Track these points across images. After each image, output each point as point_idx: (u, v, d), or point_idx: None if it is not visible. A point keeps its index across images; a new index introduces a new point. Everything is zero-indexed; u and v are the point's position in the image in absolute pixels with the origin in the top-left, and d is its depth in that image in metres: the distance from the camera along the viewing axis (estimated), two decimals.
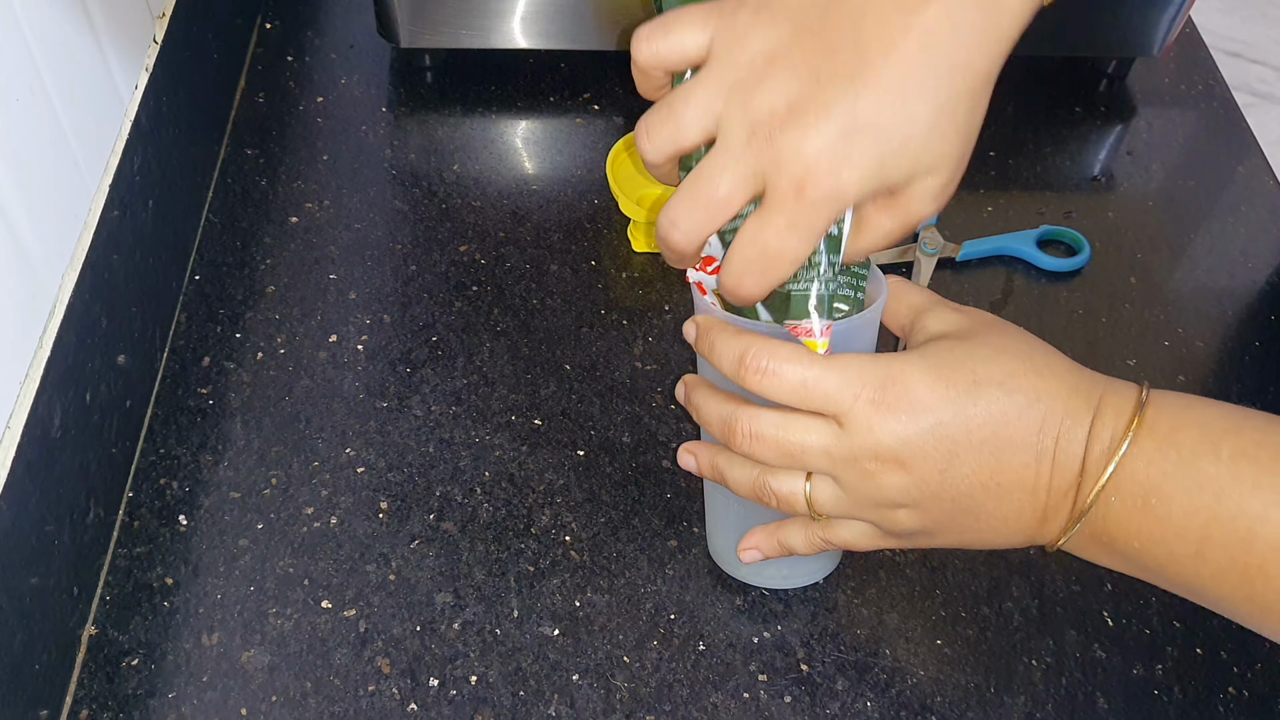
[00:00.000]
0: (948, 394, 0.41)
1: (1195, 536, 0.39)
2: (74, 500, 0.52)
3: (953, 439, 0.41)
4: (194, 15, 0.69)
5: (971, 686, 0.54)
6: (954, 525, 0.44)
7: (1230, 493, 0.38)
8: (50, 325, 0.51)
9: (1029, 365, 0.42)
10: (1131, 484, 0.40)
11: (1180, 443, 0.40)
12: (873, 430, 0.41)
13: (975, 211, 0.75)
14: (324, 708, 0.52)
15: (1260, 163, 0.80)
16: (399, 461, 0.60)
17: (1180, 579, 0.41)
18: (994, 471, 0.41)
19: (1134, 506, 0.40)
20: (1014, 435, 0.41)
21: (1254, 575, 0.38)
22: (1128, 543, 0.41)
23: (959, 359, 0.42)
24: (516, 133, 0.78)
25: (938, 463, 0.41)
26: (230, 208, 0.71)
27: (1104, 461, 0.40)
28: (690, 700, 0.53)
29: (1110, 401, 0.41)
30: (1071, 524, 0.42)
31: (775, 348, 0.42)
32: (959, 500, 0.42)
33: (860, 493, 0.43)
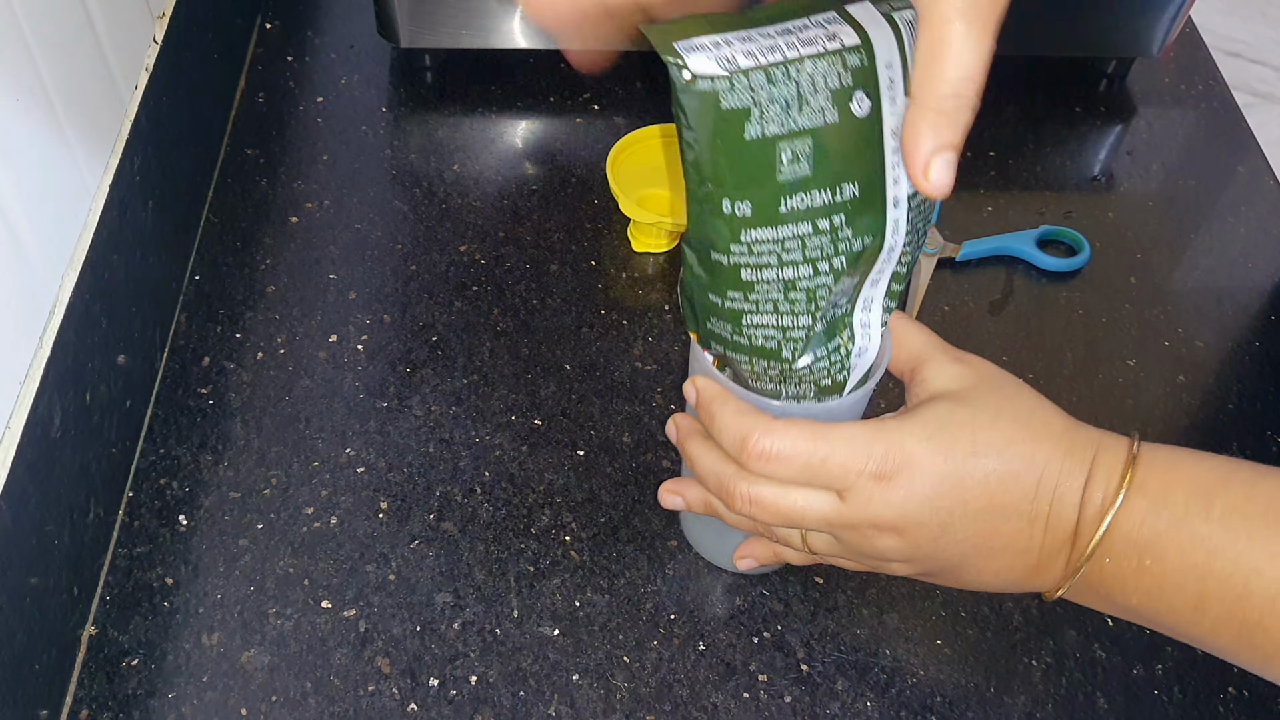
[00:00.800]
0: (945, 467, 0.42)
1: (1192, 592, 0.40)
2: (74, 500, 0.52)
3: (949, 510, 0.42)
4: (194, 15, 0.69)
5: (971, 686, 0.54)
6: (945, 576, 0.46)
7: (1224, 550, 0.39)
8: (50, 325, 0.51)
9: (1026, 431, 0.42)
10: (1125, 543, 0.41)
11: (1171, 502, 0.40)
12: (872, 502, 0.42)
13: (975, 211, 0.75)
14: (324, 708, 0.52)
15: (1260, 163, 0.80)
16: (399, 461, 0.60)
17: (1179, 630, 0.42)
18: (987, 536, 0.42)
19: (1129, 565, 0.41)
20: (1008, 502, 0.42)
21: (1253, 628, 0.39)
22: (1125, 598, 0.42)
23: (959, 425, 0.42)
24: (516, 133, 0.78)
25: (933, 530, 0.43)
26: (230, 208, 0.71)
27: (1096, 522, 0.41)
28: (690, 700, 0.53)
29: (1103, 461, 0.42)
30: (1066, 579, 0.43)
31: (779, 431, 0.42)
32: (951, 559, 0.44)
33: (855, 548, 0.45)
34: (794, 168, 0.39)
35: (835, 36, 0.38)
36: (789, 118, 0.38)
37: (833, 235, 0.40)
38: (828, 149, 0.38)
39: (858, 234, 0.40)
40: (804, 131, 0.38)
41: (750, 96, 0.37)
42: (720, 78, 0.37)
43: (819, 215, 0.40)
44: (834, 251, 0.41)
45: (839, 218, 0.40)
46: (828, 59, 0.37)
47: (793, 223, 0.40)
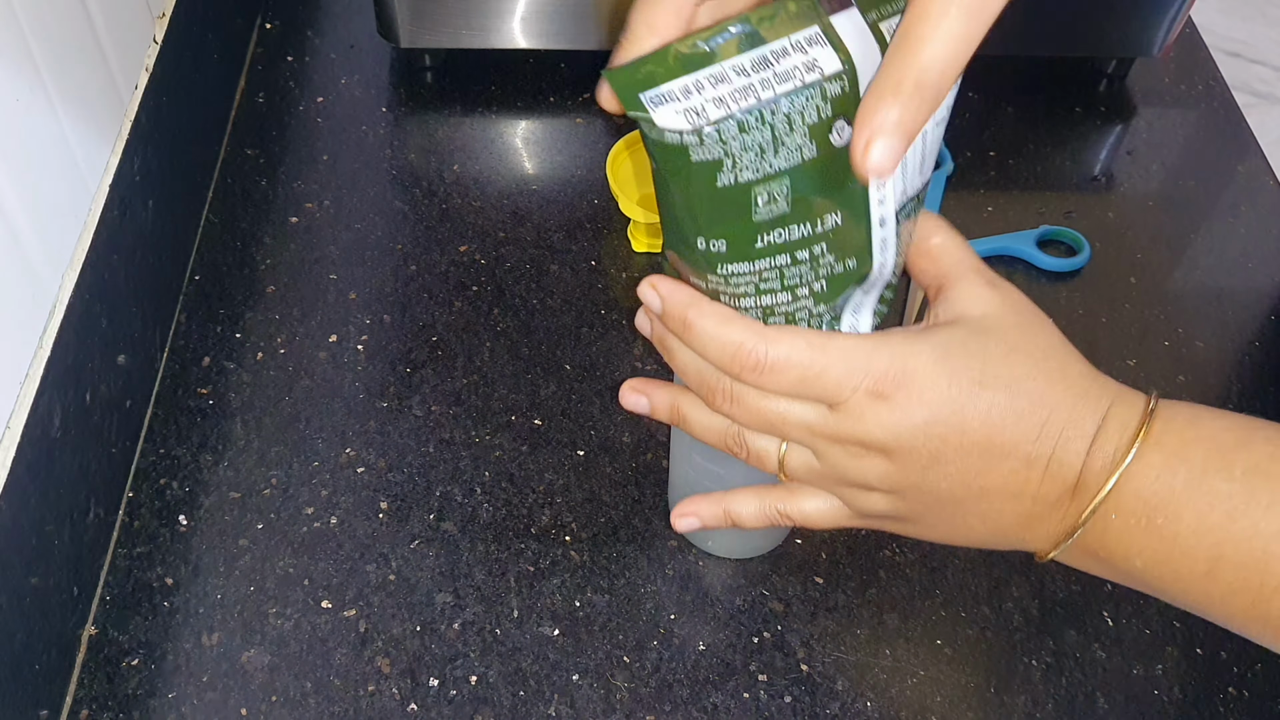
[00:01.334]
0: (949, 392, 0.39)
1: (1206, 556, 0.38)
2: (74, 500, 0.52)
3: (943, 438, 0.39)
4: (194, 15, 0.69)
5: (971, 686, 0.54)
6: (928, 517, 0.42)
7: (1245, 511, 0.37)
8: (50, 325, 0.51)
9: (1040, 369, 0.40)
10: (1135, 500, 0.38)
11: (1189, 458, 0.38)
12: (864, 419, 0.40)
13: (975, 211, 0.75)
14: (324, 708, 0.52)
15: (1260, 163, 0.80)
16: (399, 461, 0.60)
17: (1186, 598, 0.40)
18: (979, 474, 0.40)
19: (1137, 524, 0.38)
20: (1007, 441, 0.39)
21: (1270, 596, 0.37)
22: (1129, 560, 0.39)
23: (970, 354, 0.40)
24: (516, 133, 0.78)
25: (923, 458, 0.40)
26: (230, 208, 0.71)
27: (1105, 475, 0.39)
28: (690, 700, 0.53)
29: (1117, 413, 0.39)
30: (1065, 536, 0.40)
31: (773, 338, 0.39)
32: (938, 494, 0.41)
33: (837, 469, 0.42)
34: (770, 208, 0.37)
35: (815, 65, 0.35)
36: (763, 163, 0.36)
37: (813, 263, 0.39)
38: (806, 185, 0.37)
39: (841, 258, 0.39)
40: (780, 174, 0.36)
41: (721, 149, 0.36)
42: (689, 133, 0.35)
43: (798, 247, 0.38)
44: (814, 276, 0.39)
45: (819, 246, 0.39)
46: (806, 93, 0.35)
47: (770, 256, 0.39)
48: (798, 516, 0.45)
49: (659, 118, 0.35)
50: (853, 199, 0.38)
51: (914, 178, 0.39)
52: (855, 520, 0.45)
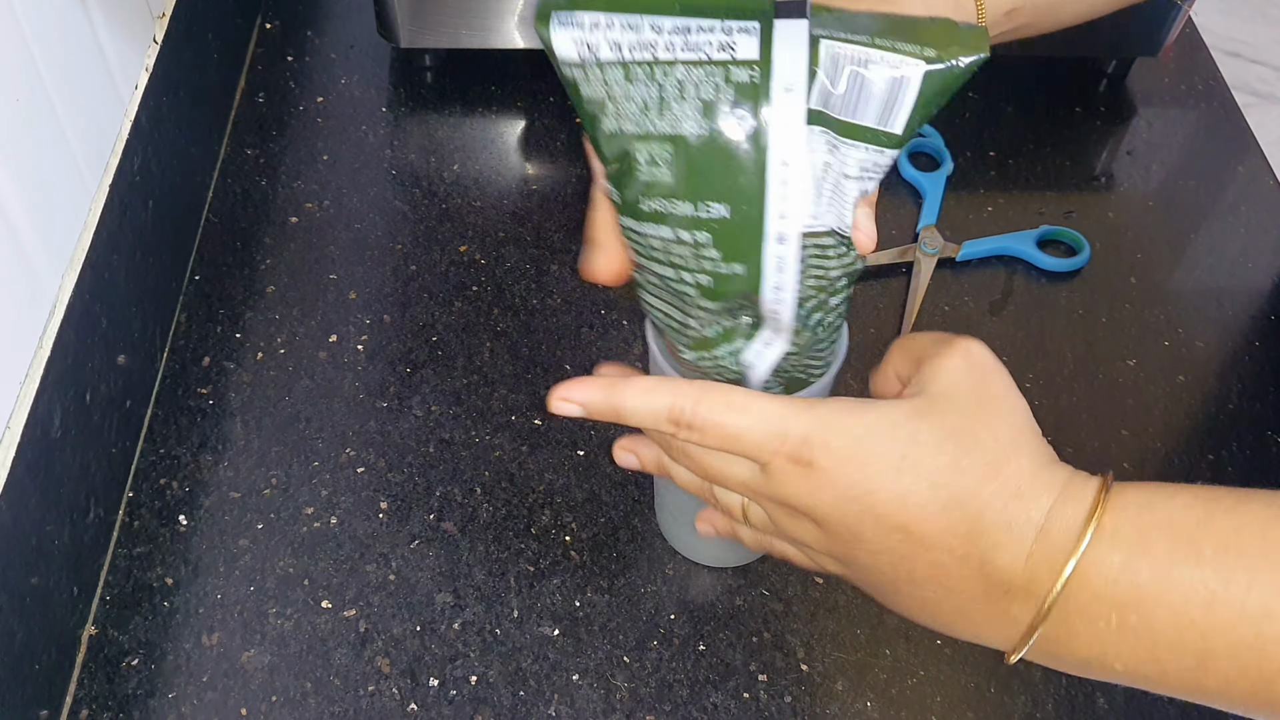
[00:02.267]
0: (867, 471, 0.37)
1: (1193, 651, 0.35)
2: (74, 500, 0.52)
3: (858, 516, 0.38)
4: (194, 15, 0.69)
5: (971, 686, 0.54)
6: (875, 588, 0.41)
7: (1224, 598, 0.34)
8: (50, 325, 0.51)
9: (972, 462, 0.37)
10: (1100, 603, 0.36)
11: (1151, 550, 0.35)
12: (785, 485, 0.39)
13: (975, 211, 0.75)
14: (324, 708, 0.52)
15: (1260, 163, 0.80)
16: (399, 461, 0.60)
17: (1182, 692, 0.37)
18: (905, 558, 0.38)
19: (1107, 627, 0.36)
20: (930, 532, 0.37)
21: (1271, 680, 0.34)
22: (1107, 664, 0.37)
23: (895, 437, 0.38)
24: (516, 133, 0.78)
25: (846, 531, 0.39)
26: (230, 208, 0.71)
27: (1053, 578, 0.36)
28: (690, 700, 0.53)
29: (1061, 512, 0.37)
30: (1023, 641, 0.37)
31: (701, 398, 0.39)
32: (872, 569, 0.40)
33: (780, 526, 0.42)
34: (652, 170, 0.37)
35: (731, 47, 0.35)
36: (646, 120, 0.36)
37: (696, 250, 0.38)
38: (692, 160, 0.36)
39: (727, 259, 0.38)
40: (663, 137, 0.36)
41: (605, 91, 0.35)
42: (575, 65, 0.35)
43: (681, 225, 0.37)
44: (698, 268, 0.38)
45: (703, 234, 0.37)
46: (708, 69, 0.35)
47: (654, 223, 0.38)
48: (778, 554, 0.45)
49: (555, 39, 0.36)
50: (745, 197, 0.37)
51: (824, 208, 0.38)
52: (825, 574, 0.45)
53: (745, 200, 0.37)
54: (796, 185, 0.37)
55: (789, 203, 0.37)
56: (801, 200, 0.37)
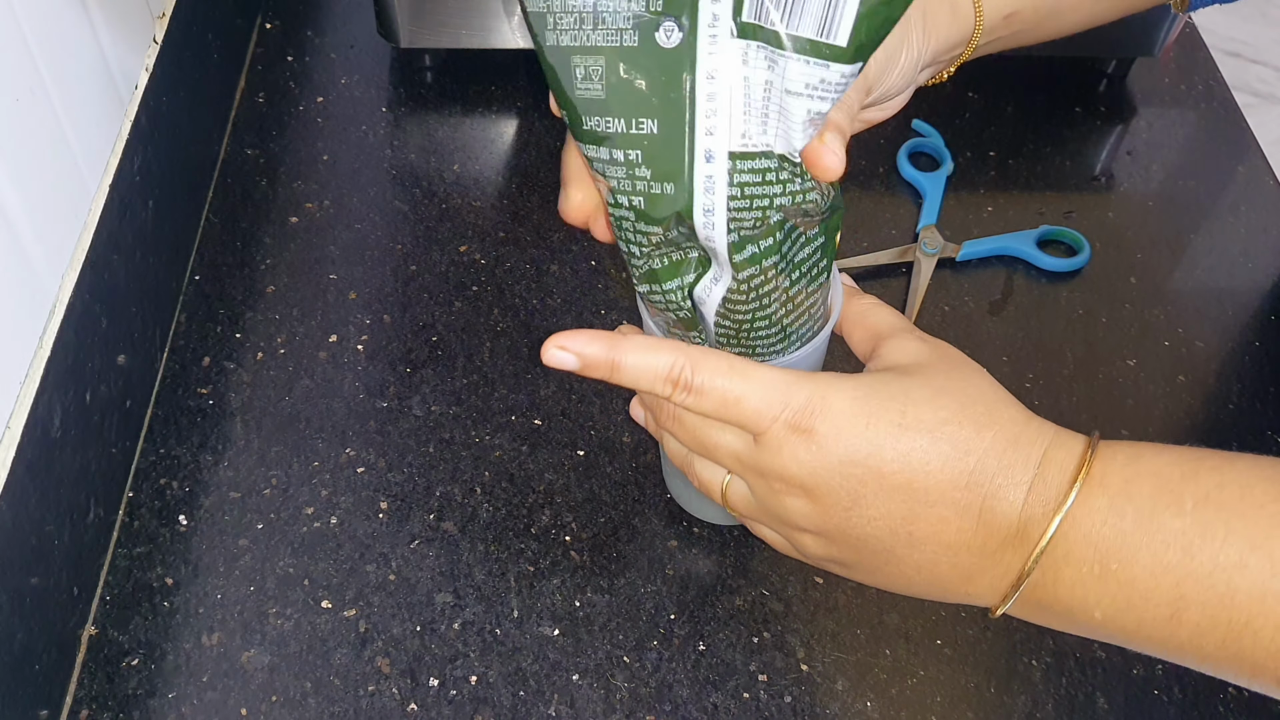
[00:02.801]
0: (866, 433, 0.38)
1: (1167, 599, 0.36)
2: (74, 500, 0.52)
3: (860, 479, 0.38)
4: (194, 15, 0.69)
5: (971, 686, 0.54)
6: (863, 563, 0.41)
7: (1201, 546, 0.35)
8: (50, 325, 0.51)
9: (967, 414, 0.39)
10: (1084, 547, 0.37)
11: (1136, 497, 0.36)
12: (782, 454, 0.39)
13: (975, 211, 0.75)
14: (324, 708, 0.52)
15: (1260, 163, 0.80)
16: (399, 461, 0.60)
17: (1153, 643, 0.38)
18: (905, 519, 0.39)
19: (1090, 572, 0.37)
20: (931, 486, 0.38)
21: (1240, 632, 0.35)
22: (1088, 612, 0.38)
23: (891, 395, 0.39)
24: (516, 133, 0.78)
25: (843, 499, 0.39)
26: (230, 208, 0.71)
27: (1045, 522, 0.37)
28: (690, 700, 0.53)
29: (1054, 456, 0.38)
30: (1011, 589, 0.39)
31: (701, 361, 0.39)
32: (865, 540, 0.40)
33: (766, 506, 0.42)
34: (587, 86, 0.36)
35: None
36: (581, 33, 0.35)
37: (629, 170, 0.38)
38: (622, 75, 0.36)
39: (657, 178, 0.38)
40: (597, 49, 0.36)
41: (545, 3, 0.35)
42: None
43: (616, 144, 0.37)
44: (632, 189, 0.38)
45: (635, 153, 0.37)
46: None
47: (594, 144, 0.38)
48: (758, 534, 0.45)
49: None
50: (672, 112, 0.36)
51: (757, 127, 0.37)
52: (803, 559, 0.44)
53: (672, 116, 0.36)
54: (725, 100, 0.36)
55: (716, 118, 0.36)
56: (731, 117, 0.36)
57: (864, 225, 0.73)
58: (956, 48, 0.49)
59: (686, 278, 0.41)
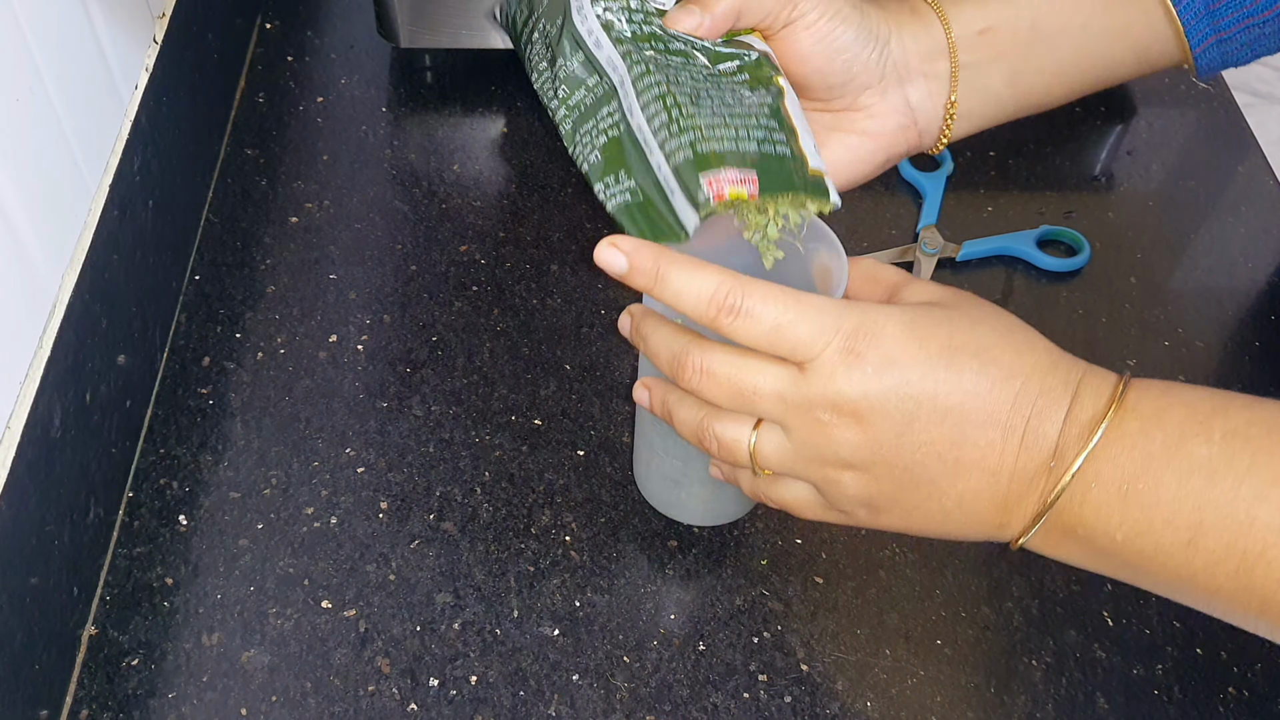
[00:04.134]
0: (920, 354, 0.39)
1: (1187, 523, 0.37)
2: (74, 500, 0.52)
3: (916, 400, 0.39)
4: (194, 15, 0.69)
5: (971, 686, 0.54)
6: (903, 499, 0.41)
7: (1224, 475, 0.36)
8: (50, 325, 0.51)
9: (1008, 341, 0.40)
10: (1113, 469, 0.38)
11: (1166, 423, 0.37)
12: (835, 379, 0.39)
13: (975, 211, 0.75)
14: (324, 708, 0.52)
15: (1260, 163, 0.80)
16: (399, 461, 0.60)
17: (1167, 571, 0.38)
18: (954, 444, 0.39)
19: (1116, 493, 0.38)
20: (982, 409, 0.39)
21: (1253, 562, 0.36)
22: (1109, 535, 0.38)
23: (937, 322, 0.40)
24: (517, 133, 0.78)
25: (896, 424, 0.39)
26: (230, 208, 0.71)
27: (1081, 443, 0.38)
28: (690, 700, 0.53)
29: (1090, 383, 0.39)
30: (1040, 514, 0.39)
31: (750, 286, 0.39)
32: (912, 470, 0.40)
33: (808, 446, 0.41)
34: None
35: None
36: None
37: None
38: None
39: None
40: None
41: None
42: None
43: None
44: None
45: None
46: None
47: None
48: (777, 500, 0.45)
49: None
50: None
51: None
52: (828, 512, 0.44)
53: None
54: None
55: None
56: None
57: (864, 225, 0.73)
58: (934, 58, 0.50)
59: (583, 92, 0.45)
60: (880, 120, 0.51)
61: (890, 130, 0.51)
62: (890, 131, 0.51)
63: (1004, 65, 0.51)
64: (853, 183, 0.52)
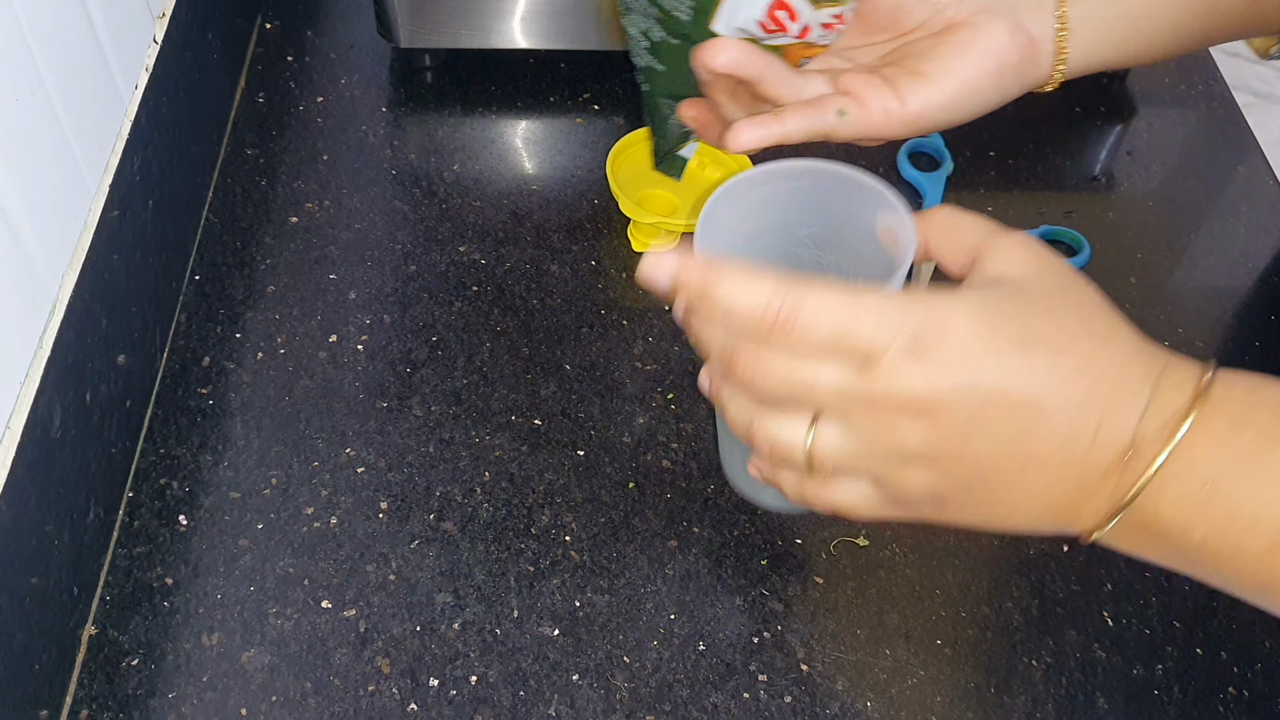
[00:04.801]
0: (989, 347, 0.37)
1: (1269, 529, 0.35)
2: (74, 500, 0.52)
3: (986, 395, 0.37)
4: (194, 15, 0.69)
5: (971, 686, 0.54)
6: (971, 494, 0.39)
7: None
8: (50, 325, 0.51)
9: (1086, 329, 0.38)
10: (1194, 468, 0.36)
11: (1252, 424, 0.36)
12: (900, 378, 0.37)
13: (975, 211, 0.75)
14: (324, 708, 0.52)
15: (1260, 163, 0.80)
16: (399, 461, 0.60)
17: (1245, 579, 0.37)
18: (1024, 438, 0.37)
19: (1198, 492, 0.36)
20: (1053, 403, 0.37)
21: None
22: (1186, 535, 0.37)
23: (1007, 313, 0.37)
24: (516, 133, 0.78)
25: (965, 419, 0.37)
26: (230, 208, 0.71)
27: (1161, 441, 0.36)
28: (690, 700, 0.53)
29: (1172, 376, 0.37)
30: (1116, 510, 0.37)
31: (804, 292, 0.37)
32: (979, 465, 0.38)
33: (872, 440, 0.39)
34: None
35: None
36: None
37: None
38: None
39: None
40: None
41: None
42: None
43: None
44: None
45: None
46: None
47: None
48: (828, 502, 0.42)
49: None
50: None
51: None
52: (890, 508, 0.41)
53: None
54: None
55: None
56: None
57: None
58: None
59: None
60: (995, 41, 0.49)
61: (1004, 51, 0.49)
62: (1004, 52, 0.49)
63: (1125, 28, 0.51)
64: (972, 112, 0.50)
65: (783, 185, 0.46)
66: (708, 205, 0.44)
